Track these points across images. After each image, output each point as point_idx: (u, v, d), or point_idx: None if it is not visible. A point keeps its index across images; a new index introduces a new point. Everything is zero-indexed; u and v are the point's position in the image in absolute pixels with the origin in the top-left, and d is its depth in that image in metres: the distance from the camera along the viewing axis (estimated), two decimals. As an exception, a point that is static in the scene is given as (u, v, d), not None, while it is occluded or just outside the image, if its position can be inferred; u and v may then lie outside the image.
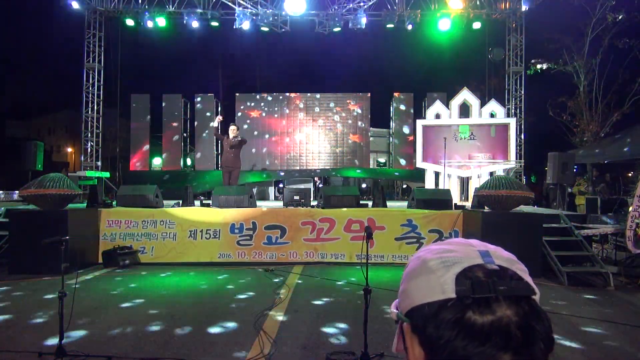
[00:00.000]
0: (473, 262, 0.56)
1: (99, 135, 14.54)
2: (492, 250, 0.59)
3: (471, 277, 0.54)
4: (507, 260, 0.58)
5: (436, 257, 0.58)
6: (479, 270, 0.55)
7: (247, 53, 24.68)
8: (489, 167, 10.76)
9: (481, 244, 0.60)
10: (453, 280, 0.54)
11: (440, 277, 0.56)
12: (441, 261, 0.57)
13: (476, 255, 0.57)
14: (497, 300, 0.52)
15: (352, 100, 15.79)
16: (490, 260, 0.57)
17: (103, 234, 7.38)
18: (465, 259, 0.57)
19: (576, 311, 4.80)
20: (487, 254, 0.58)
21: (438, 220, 7.41)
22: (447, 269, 0.56)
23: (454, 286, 0.54)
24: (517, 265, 0.58)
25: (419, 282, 0.58)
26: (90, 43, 14.20)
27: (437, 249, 0.60)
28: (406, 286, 0.60)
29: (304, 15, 13.75)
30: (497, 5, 13.84)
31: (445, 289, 0.54)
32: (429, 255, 0.60)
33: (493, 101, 11.52)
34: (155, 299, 5.17)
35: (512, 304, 0.52)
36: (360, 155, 15.64)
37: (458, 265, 0.56)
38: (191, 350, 3.54)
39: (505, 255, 0.59)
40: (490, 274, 0.55)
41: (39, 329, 4.04)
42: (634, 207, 6.45)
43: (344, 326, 4.16)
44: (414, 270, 0.60)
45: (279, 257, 7.37)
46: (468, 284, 0.53)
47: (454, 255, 0.58)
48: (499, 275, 0.55)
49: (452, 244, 0.61)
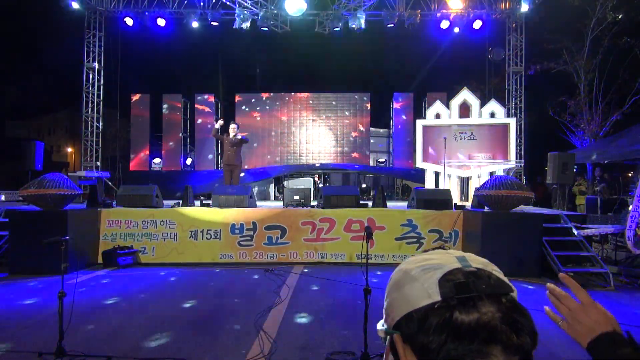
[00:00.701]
0: (452, 266, 0.60)
1: (99, 135, 14.54)
2: (468, 255, 0.63)
3: (452, 279, 0.57)
4: (482, 263, 0.62)
5: (416, 267, 0.62)
6: (458, 273, 0.58)
7: (247, 53, 24.65)
8: (489, 167, 10.76)
9: (457, 252, 0.64)
10: (436, 284, 0.58)
11: (424, 283, 0.59)
12: (422, 269, 0.61)
13: (453, 260, 0.61)
14: (480, 299, 0.55)
15: (352, 100, 15.79)
16: (467, 264, 0.60)
17: (104, 234, 7.38)
18: (444, 265, 0.60)
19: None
20: (464, 259, 0.61)
21: (438, 220, 7.41)
22: (429, 275, 0.59)
23: (438, 289, 0.57)
24: (491, 266, 0.62)
25: (404, 291, 0.61)
26: (90, 43, 14.20)
27: (417, 260, 0.64)
28: (392, 299, 0.63)
29: (304, 15, 13.75)
30: (497, 5, 13.84)
31: (430, 293, 0.57)
32: (410, 265, 0.63)
33: (493, 101, 11.52)
34: (155, 298, 5.17)
35: (494, 301, 0.55)
36: (360, 155, 15.64)
37: (439, 270, 0.59)
38: (191, 350, 3.54)
39: (480, 259, 0.63)
40: (468, 275, 0.58)
41: (39, 328, 4.04)
42: (634, 207, 6.45)
43: (344, 326, 4.17)
44: (397, 282, 0.64)
45: (280, 258, 7.37)
46: (451, 285, 0.57)
47: (433, 263, 0.61)
48: (477, 276, 0.58)
49: (431, 254, 0.65)
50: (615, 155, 11.58)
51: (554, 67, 16.05)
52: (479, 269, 0.60)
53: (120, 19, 13.98)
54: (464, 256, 0.63)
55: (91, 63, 14.25)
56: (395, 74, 25.79)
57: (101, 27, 14.33)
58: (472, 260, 0.62)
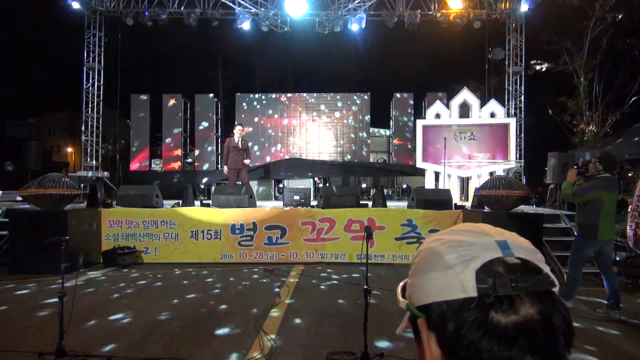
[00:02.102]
0: (492, 255, 0.53)
1: (99, 135, 14.54)
2: (510, 240, 0.55)
3: (492, 273, 0.51)
4: (527, 250, 0.55)
5: (451, 251, 0.55)
6: (499, 265, 0.52)
7: (247, 53, 24.65)
8: (489, 167, 10.76)
9: (496, 232, 0.57)
10: (473, 277, 0.51)
11: (459, 274, 0.52)
12: (458, 255, 0.54)
13: (494, 247, 0.54)
14: (520, 298, 0.50)
15: (352, 100, 15.79)
16: (509, 252, 0.53)
17: (105, 234, 7.39)
18: (483, 253, 0.53)
19: (576, 311, 4.80)
20: (506, 245, 0.54)
21: (438, 220, 7.41)
22: (465, 264, 0.53)
23: (475, 284, 0.51)
24: (537, 255, 0.55)
25: (434, 277, 0.55)
26: (90, 43, 14.20)
27: (451, 241, 0.56)
28: (419, 280, 0.57)
29: (304, 16, 13.75)
30: (497, 5, 13.84)
31: (465, 287, 0.51)
32: (443, 247, 0.56)
33: (493, 101, 11.52)
34: (155, 298, 5.17)
35: (535, 301, 0.50)
36: (360, 155, 15.64)
37: (476, 260, 0.53)
38: (191, 350, 3.55)
39: (525, 245, 0.56)
40: (511, 269, 0.51)
41: (39, 328, 4.04)
42: (634, 207, 6.45)
43: (344, 326, 4.17)
44: (426, 262, 0.57)
45: (280, 258, 7.37)
46: (490, 281, 0.50)
47: (470, 250, 0.54)
48: (521, 270, 0.51)
49: (465, 233, 0.57)
50: (615, 155, 11.56)
51: (554, 67, 16.07)
52: (523, 261, 0.53)
53: (120, 19, 13.98)
54: (505, 240, 0.55)
55: (91, 63, 14.25)
56: (395, 74, 25.83)
57: (101, 27, 14.33)
58: (515, 246, 0.54)
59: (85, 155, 14.42)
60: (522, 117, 14.23)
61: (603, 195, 4.55)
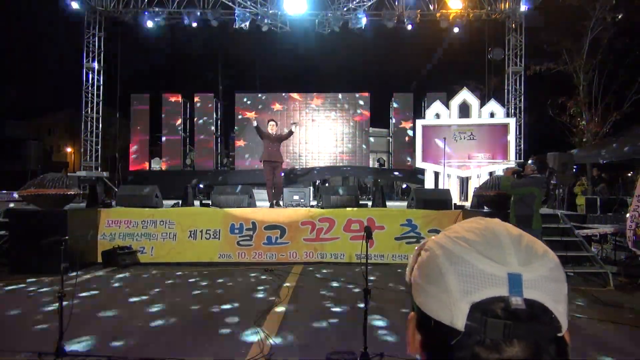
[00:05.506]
0: (496, 292, 0.48)
1: (98, 135, 14.54)
2: (528, 271, 0.49)
3: (488, 314, 0.47)
4: (544, 287, 0.49)
5: (455, 273, 0.50)
6: (499, 306, 0.47)
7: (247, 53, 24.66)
8: (489, 167, 10.76)
9: (515, 251, 0.50)
10: (466, 313, 0.48)
11: (453, 303, 0.49)
12: (459, 281, 0.49)
13: (503, 282, 0.48)
14: (509, 344, 0.46)
15: (352, 100, 15.78)
16: (519, 291, 0.47)
17: (102, 234, 7.37)
18: (487, 289, 0.48)
19: (576, 311, 4.80)
20: (518, 282, 0.48)
21: (438, 220, 7.40)
22: (463, 295, 0.49)
23: (465, 320, 0.48)
24: (558, 291, 0.49)
25: (431, 292, 0.52)
26: (90, 43, 14.20)
27: (459, 258, 0.51)
28: (419, 280, 0.55)
29: (303, 15, 13.75)
30: (497, 5, 13.84)
31: (454, 319, 0.48)
32: (447, 265, 0.51)
33: (493, 101, 11.53)
34: (154, 298, 5.17)
35: (528, 346, 0.46)
36: (360, 155, 15.64)
37: (477, 294, 0.48)
38: (191, 350, 3.54)
39: (544, 278, 0.49)
40: (511, 314, 0.47)
41: (39, 328, 4.04)
42: (634, 207, 6.45)
43: (344, 326, 4.17)
44: (429, 269, 0.54)
45: (279, 258, 7.36)
46: (482, 321, 0.47)
47: (474, 280, 0.49)
48: (521, 318, 0.47)
49: (480, 244, 0.51)
50: (614, 156, 11.59)
51: (554, 67, 16.06)
52: (529, 303, 0.47)
53: (120, 19, 13.98)
54: (519, 275, 0.48)
55: (91, 63, 14.25)
56: (395, 74, 25.85)
57: (101, 27, 14.33)
58: (531, 281, 0.48)
59: (85, 155, 14.42)
60: (522, 117, 14.23)
61: (535, 191, 5.08)
